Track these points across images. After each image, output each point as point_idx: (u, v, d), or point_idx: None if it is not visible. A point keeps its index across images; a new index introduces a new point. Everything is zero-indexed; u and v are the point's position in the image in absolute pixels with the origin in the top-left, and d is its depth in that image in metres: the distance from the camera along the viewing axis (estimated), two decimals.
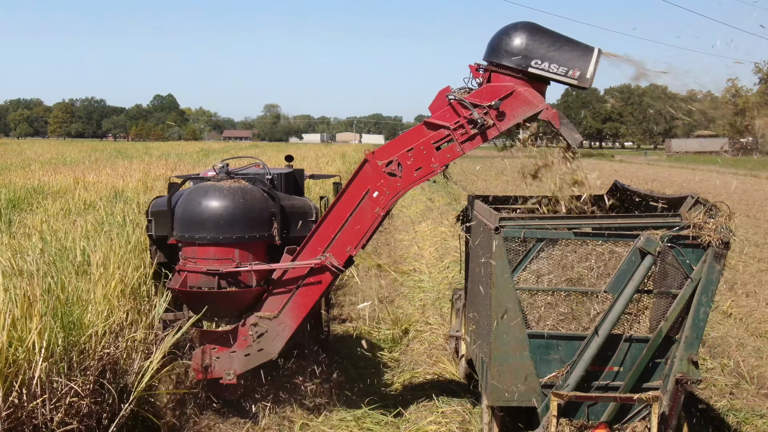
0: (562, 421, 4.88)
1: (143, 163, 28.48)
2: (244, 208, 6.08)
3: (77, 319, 5.53)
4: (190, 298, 6.20)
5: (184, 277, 6.12)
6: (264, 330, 6.10)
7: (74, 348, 5.40)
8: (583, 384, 4.93)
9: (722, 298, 11.05)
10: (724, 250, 4.87)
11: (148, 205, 6.67)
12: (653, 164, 65.03)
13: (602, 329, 4.89)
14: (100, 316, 5.76)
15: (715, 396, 7.39)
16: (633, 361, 4.94)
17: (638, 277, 4.89)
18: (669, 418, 4.86)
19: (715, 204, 5.05)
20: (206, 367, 6.17)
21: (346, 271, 6.77)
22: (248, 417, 6.42)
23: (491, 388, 5.04)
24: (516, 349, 4.98)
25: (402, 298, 11.14)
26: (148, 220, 6.57)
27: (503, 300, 4.96)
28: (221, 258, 6.05)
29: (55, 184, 18.27)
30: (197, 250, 6.10)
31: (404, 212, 21.80)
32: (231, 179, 6.30)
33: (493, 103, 5.53)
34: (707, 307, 4.91)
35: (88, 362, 5.46)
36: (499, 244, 4.94)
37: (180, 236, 6.19)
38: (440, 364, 7.80)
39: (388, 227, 18.61)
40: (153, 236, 6.57)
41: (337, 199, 5.98)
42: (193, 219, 6.07)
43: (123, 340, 5.95)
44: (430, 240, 16.19)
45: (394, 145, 5.89)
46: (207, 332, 6.26)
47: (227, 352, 6.17)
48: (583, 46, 5.44)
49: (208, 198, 6.07)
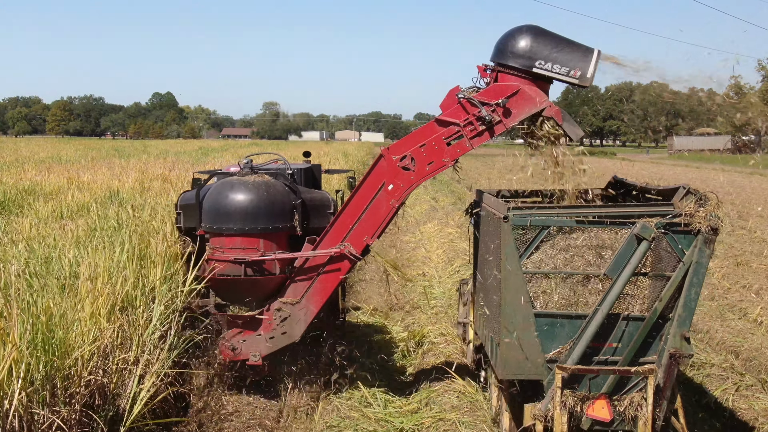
0: (566, 393, 5.31)
1: (140, 161, 28.03)
2: (268, 201, 6.52)
3: (60, 342, 4.99)
4: (218, 285, 6.66)
5: (212, 266, 6.56)
6: (287, 314, 6.55)
7: (57, 374, 4.87)
8: (585, 359, 5.35)
9: (751, 305, 10.68)
10: (713, 235, 5.29)
11: (177, 199, 7.11)
12: (656, 162, 63.72)
13: (602, 309, 5.31)
14: (87, 337, 5.27)
15: (761, 418, 6.90)
16: (630, 338, 5.37)
17: (635, 260, 5.30)
18: (663, 390, 5.30)
19: (704, 194, 5.48)
20: (234, 349, 6.63)
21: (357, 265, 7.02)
22: (272, 397, 6.87)
23: (501, 364, 5.49)
24: (523, 327, 5.42)
25: (412, 305, 10.76)
26: (177, 213, 7.01)
27: (512, 283, 5.40)
28: (247, 247, 6.49)
29: (48, 184, 17.56)
30: (224, 240, 6.54)
31: (409, 212, 21.19)
32: (255, 174, 6.74)
33: (500, 101, 5.98)
34: (698, 288, 5.35)
35: (73, 389, 4.98)
36: (508, 231, 5.37)
37: (208, 227, 6.63)
38: (457, 380, 7.19)
39: (393, 228, 17.22)
40: (182, 228, 7.00)
41: (354, 192, 6.43)
42: (221, 211, 6.51)
43: (113, 362, 5.50)
44: (438, 242, 15.87)
45: (407, 141, 6.34)
46: (234, 317, 6.71)
47: (253, 335, 6.63)
48: (584, 47, 5.90)
49: (235, 192, 6.52)
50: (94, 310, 5.53)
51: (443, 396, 6.84)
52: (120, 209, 10.81)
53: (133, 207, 10.91)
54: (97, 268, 6.24)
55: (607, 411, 5.36)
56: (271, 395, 6.94)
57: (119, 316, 5.87)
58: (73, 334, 5.18)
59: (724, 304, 11.03)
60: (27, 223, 10.23)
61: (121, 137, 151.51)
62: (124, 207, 11.21)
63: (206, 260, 6.66)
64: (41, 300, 5.34)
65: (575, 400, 5.36)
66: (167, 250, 7.13)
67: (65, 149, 48.47)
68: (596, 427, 5.40)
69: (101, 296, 5.73)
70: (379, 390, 6.90)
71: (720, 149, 78.30)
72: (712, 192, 5.49)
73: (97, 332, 5.40)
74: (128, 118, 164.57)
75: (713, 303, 11.06)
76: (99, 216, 10.34)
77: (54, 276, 6.34)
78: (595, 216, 5.41)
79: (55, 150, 46.08)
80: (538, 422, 5.38)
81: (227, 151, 47.64)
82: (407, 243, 16.54)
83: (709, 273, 12.31)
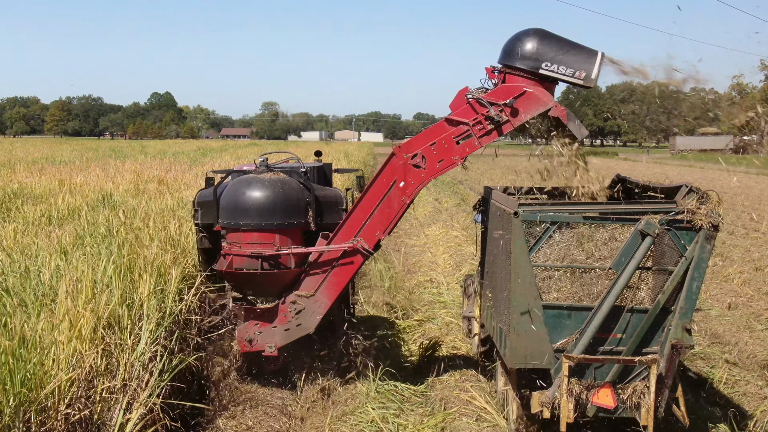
0: (573, 381, 5.55)
1: (137, 162, 27.54)
2: (284, 197, 6.75)
3: (34, 370, 4.48)
4: (235, 279, 6.89)
5: (229, 260, 6.79)
6: (302, 307, 6.78)
7: (32, 406, 4.37)
8: (591, 348, 5.59)
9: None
10: (714, 232, 5.53)
11: (195, 197, 7.33)
12: (660, 162, 62.43)
13: (607, 301, 5.55)
14: (65, 363, 4.72)
15: None
16: (634, 329, 5.60)
17: (639, 255, 5.53)
18: (665, 378, 5.53)
19: (706, 192, 5.71)
20: (250, 341, 6.85)
21: None
22: (287, 387, 7.09)
23: (511, 353, 5.72)
24: (532, 318, 5.65)
25: (421, 315, 10.16)
26: (194, 209, 7.23)
27: (521, 276, 5.63)
28: (263, 242, 6.72)
29: (39, 186, 16.70)
30: (242, 235, 6.77)
31: (412, 214, 20.80)
32: (271, 172, 6.97)
33: (507, 101, 6.23)
34: (699, 282, 5.58)
35: (50, 423, 4.50)
36: (518, 226, 5.60)
37: (225, 223, 6.86)
38: (476, 398, 6.80)
39: (397, 231, 16.08)
40: (199, 224, 7.23)
41: (366, 189, 6.66)
42: (238, 207, 6.74)
43: (96, 390, 4.92)
44: (444, 245, 15.48)
45: (418, 139, 6.58)
46: (251, 309, 6.94)
47: (269, 327, 6.86)
48: (588, 50, 6.14)
49: (252, 189, 6.75)
50: (73, 332, 4.96)
51: (460, 420, 6.40)
52: (111, 214, 10.34)
53: (125, 212, 10.41)
54: (79, 283, 5.69)
55: (612, 398, 5.59)
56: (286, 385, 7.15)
57: (104, 336, 5.30)
58: (49, 360, 4.66)
59: (749, 313, 10.43)
60: (11, 230, 9.52)
61: (120, 137, 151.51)
62: (116, 211, 10.80)
63: (223, 255, 6.88)
64: (13, 321, 4.80)
65: (581, 388, 5.59)
66: (157, 260, 6.80)
67: (61, 150, 47.72)
68: (601, 414, 5.64)
69: (83, 316, 5.13)
70: (390, 412, 6.57)
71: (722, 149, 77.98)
72: (713, 190, 5.72)
73: (78, 357, 4.86)
74: (127, 118, 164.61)
75: (737, 312, 10.48)
76: (88, 222, 9.73)
77: (31, 292, 5.80)
78: (601, 212, 5.65)
79: (50, 150, 45.22)
80: (546, 409, 5.61)
81: (226, 151, 47.03)
82: (412, 247, 16.14)
83: (728, 279, 12.30)
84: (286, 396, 7.07)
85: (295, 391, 7.12)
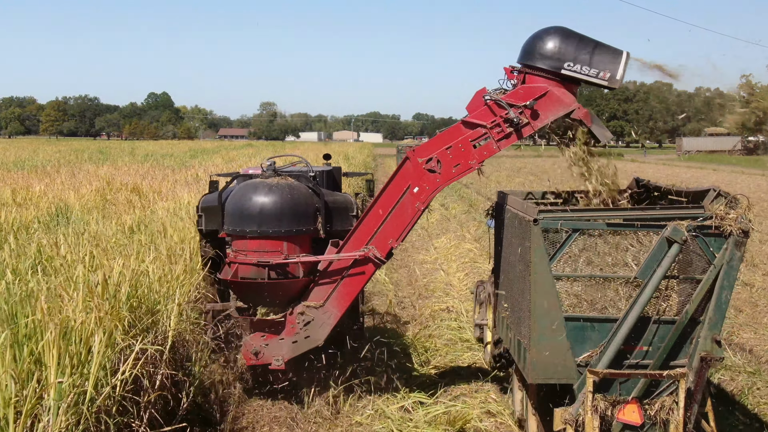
0: (597, 397, 5.28)
1: (113, 167, 25.08)
2: (292, 203, 6.48)
3: None
4: (241, 289, 6.61)
5: (235, 269, 6.51)
6: (311, 318, 6.51)
7: None
8: (616, 362, 5.33)
9: None
10: (744, 238, 5.28)
11: (198, 202, 7.06)
12: (668, 164, 60.13)
13: (633, 312, 5.28)
14: None
15: None
16: (661, 341, 5.34)
17: (666, 263, 5.28)
18: (695, 393, 5.27)
19: (735, 196, 5.47)
20: (256, 353, 6.58)
21: None
22: (295, 401, 6.81)
23: (531, 367, 5.46)
24: (554, 331, 5.38)
25: (439, 359, 8.34)
26: (198, 215, 6.96)
27: (541, 286, 5.36)
28: (270, 250, 6.44)
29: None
30: (248, 243, 6.49)
31: (419, 223, 17.89)
32: (278, 176, 6.70)
33: (528, 102, 5.96)
34: (729, 291, 5.33)
35: None
36: (538, 234, 5.34)
37: (231, 230, 6.59)
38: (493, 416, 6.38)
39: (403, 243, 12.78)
40: (203, 231, 6.95)
41: (379, 194, 6.39)
42: (244, 214, 6.47)
43: None
44: (456, 261, 13.94)
45: (433, 143, 6.31)
46: (257, 320, 6.66)
47: (276, 339, 6.58)
48: (613, 49, 5.88)
49: (258, 194, 6.47)
50: None
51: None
52: (52, 236, 8.31)
53: (78, 233, 8.39)
54: None
55: (638, 415, 5.32)
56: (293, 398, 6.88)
57: None
58: None
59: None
60: None
61: (116, 138, 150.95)
62: (67, 228, 9.05)
63: (228, 263, 6.61)
64: None
65: (606, 404, 5.33)
66: (75, 323, 4.68)
67: (44, 151, 44.86)
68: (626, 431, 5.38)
69: None
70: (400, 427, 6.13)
71: (730, 150, 77.39)
72: (742, 194, 5.48)
73: None
74: (123, 119, 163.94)
75: (764, 320, 10.01)
76: (12, 250, 7.36)
77: None
78: (625, 219, 5.40)
79: (30, 152, 41.95)
80: (569, 426, 5.34)
81: (218, 153, 44.75)
82: (422, 264, 14.31)
83: (758, 288, 11.75)
84: (294, 410, 6.79)
85: (302, 405, 6.83)
